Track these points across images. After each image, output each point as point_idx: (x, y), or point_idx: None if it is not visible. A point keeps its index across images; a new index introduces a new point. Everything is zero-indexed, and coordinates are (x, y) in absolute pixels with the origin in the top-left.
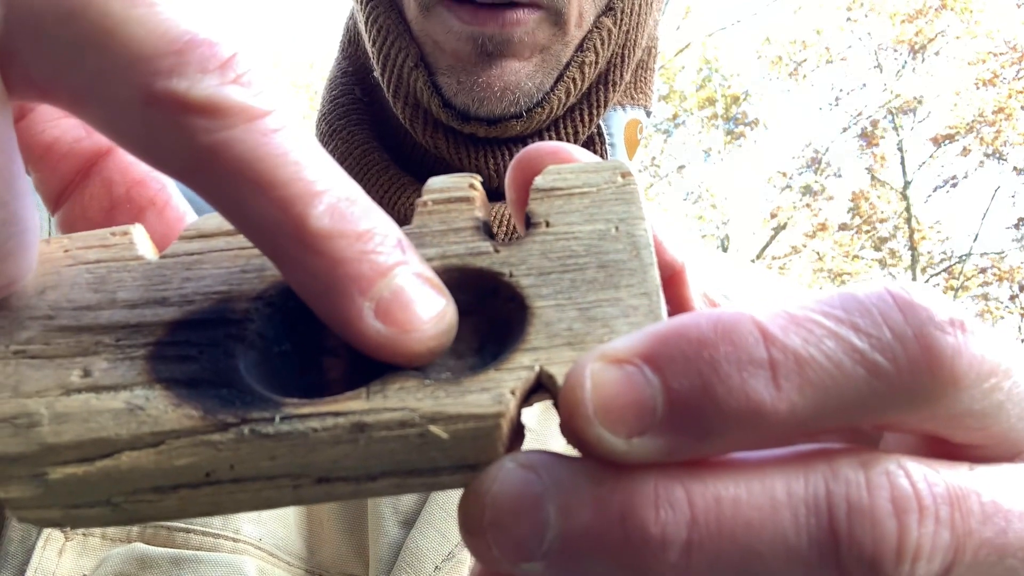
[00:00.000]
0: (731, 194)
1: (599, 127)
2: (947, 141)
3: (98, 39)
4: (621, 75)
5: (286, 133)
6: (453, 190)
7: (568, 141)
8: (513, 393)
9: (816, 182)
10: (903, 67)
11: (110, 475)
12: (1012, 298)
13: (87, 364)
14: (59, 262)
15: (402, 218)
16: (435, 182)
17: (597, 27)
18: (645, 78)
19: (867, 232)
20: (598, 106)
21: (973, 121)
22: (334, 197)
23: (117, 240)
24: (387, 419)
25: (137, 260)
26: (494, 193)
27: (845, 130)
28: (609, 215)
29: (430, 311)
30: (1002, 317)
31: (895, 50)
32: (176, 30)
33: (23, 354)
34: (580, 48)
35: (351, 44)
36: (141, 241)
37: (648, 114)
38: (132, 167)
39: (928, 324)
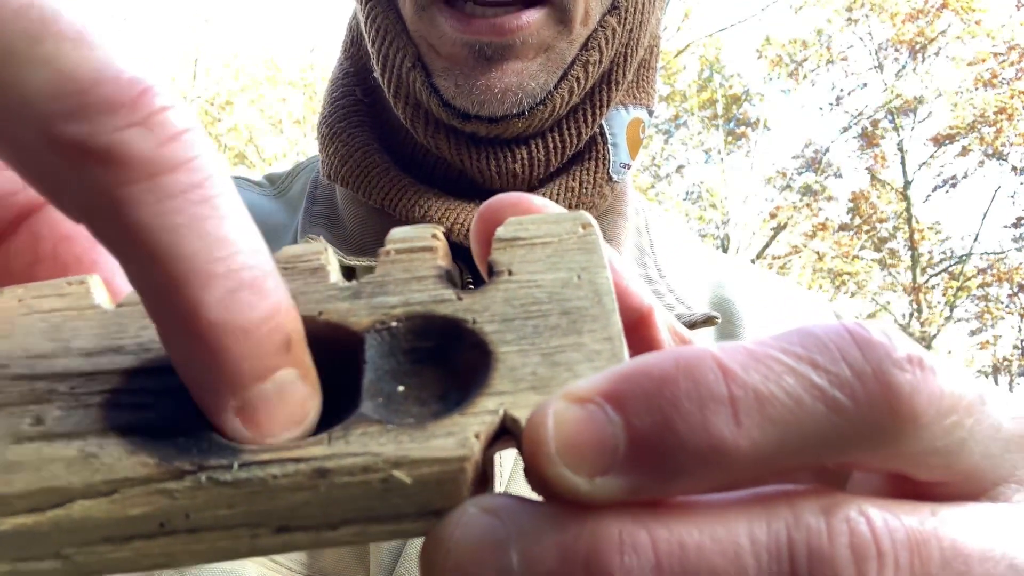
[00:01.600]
0: (731, 194)
1: (601, 126)
2: (947, 141)
3: (1, 78)
4: (624, 74)
5: (195, 194)
6: (416, 240)
7: (571, 141)
8: (478, 437)
9: (816, 182)
10: (903, 67)
11: (61, 525)
12: (1011, 297)
13: (40, 412)
14: (13, 311)
15: (403, 222)
16: (398, 232)
17: (602, 26)
18: (647, 77)
19: (867, 232)
20: (601, 105)
21: (974, 121)
22: (233, 282)
23: (73, 289)
24: (349, 464)
25: (93, 309)
26: (491, 194)
27: (845, 130)
28: (571, 264)
29: (292, 417)
30: (1002, 317)
31: (896, 50)
32: (83, 67)
33: None
34: (584, 47)
35: (353, 45)
36: (97, 291)
37: (650, 113)
38: (62, 222)
39: (885, 361)
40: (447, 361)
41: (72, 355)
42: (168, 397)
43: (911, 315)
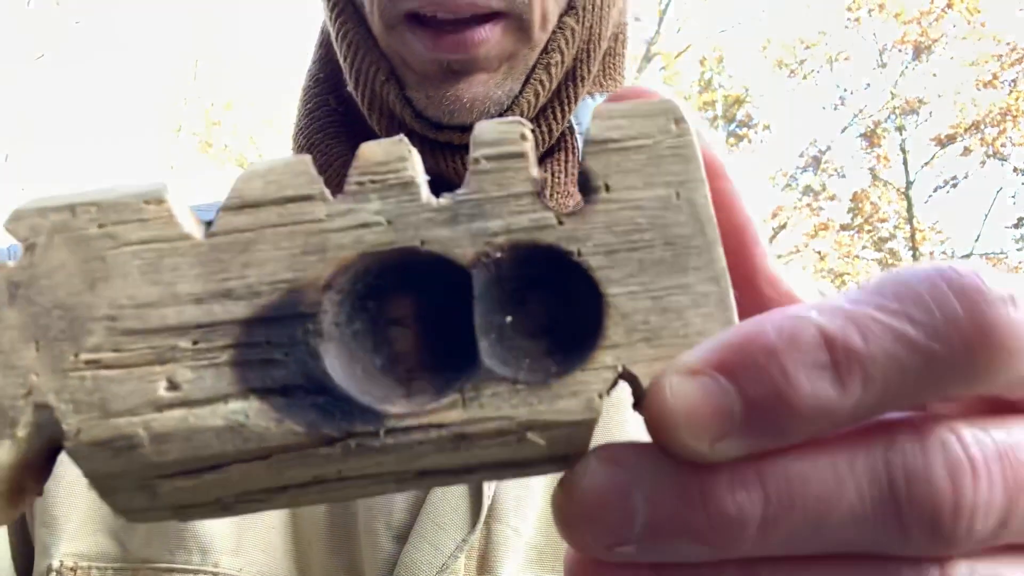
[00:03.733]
0: None
1: (569, 120)
2: (949, 142)
3: None
4: (589, 69)
5: None
6: (505, 143)
7: (543, 139)
8: (600, 396)
9: (818, 181)
10: (906, 67)
11: (220, 483)
12: None
13: (170, 374)
14: (98, 243)
15: None
16: (484, 132)
17: (560, 27)
18: (614, 64)
19: (868, 232)
20: (569, 102)
21: (976, 121)
22: None
23: (153, 211)
24: (487, 429)
25: (185, 239)
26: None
27: (844, 129)
28: (668, 177)
29: None
30: None
31: (899, 51)
32: None
33: (97, 364)
34: (545, 50)
35: (322, 47)
36: (180, 211)
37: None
38: None
39: (981, 303)
40: (550, 284)
41: (182, 302)
42: (292, 349)
43: None
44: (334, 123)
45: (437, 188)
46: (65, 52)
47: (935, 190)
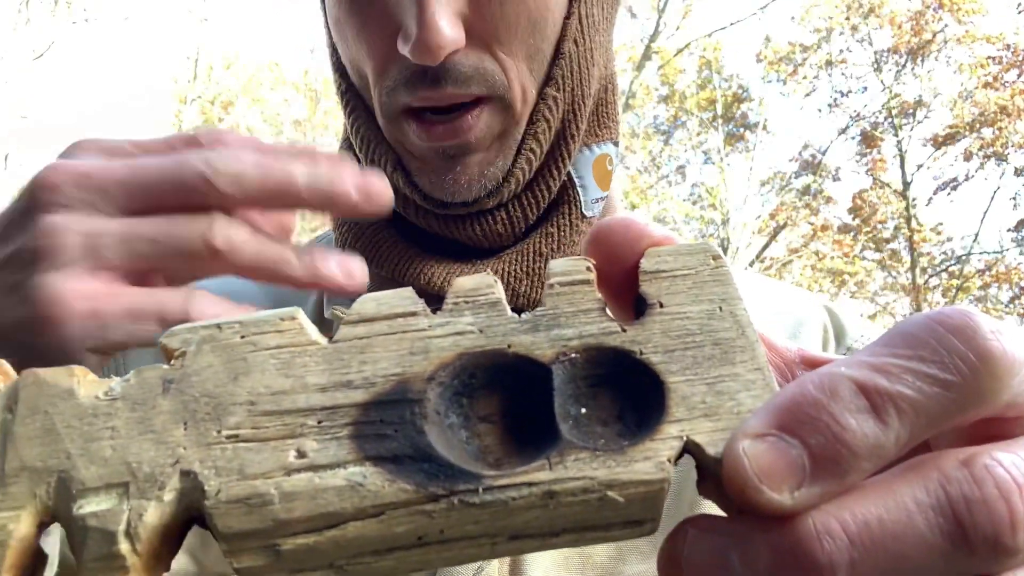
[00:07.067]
0: (731, 195)
1: (568, 173)
2: (947, 143)
3: None
4: (578, 127)
5: None
6: (574, 273)
7: (542, 195)
8: (670, 461)
9: (815, 182)
10: (902, 68)
11: (337, 543)
12: (1012, 300)
13: (299, 445)
14: (240, 348)
15: (404, 283)
16: (557, 266)
17: (542, 98)
18: (606, 113)
19: (867, 233)
20: (562, 159)
21: (973, 121)
22: None
23: (288, 325)
24: (572, 487)
25: (313, 345)
26: (485, 252)
27: (843, 131)
28: (711, 296)
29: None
30: (1001, 317)
31: (895, 52)
32: None
33: (236, 438)
34: (531, 121)
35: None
36: (308, 326)
37: (616, 144)
38: None
39: (976, 337)
40: (618, 383)
41: (310, 391)
42: (402, 427)
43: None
44: None
45: (456, 253)
46: (65, 52)
47: (936, 192)
